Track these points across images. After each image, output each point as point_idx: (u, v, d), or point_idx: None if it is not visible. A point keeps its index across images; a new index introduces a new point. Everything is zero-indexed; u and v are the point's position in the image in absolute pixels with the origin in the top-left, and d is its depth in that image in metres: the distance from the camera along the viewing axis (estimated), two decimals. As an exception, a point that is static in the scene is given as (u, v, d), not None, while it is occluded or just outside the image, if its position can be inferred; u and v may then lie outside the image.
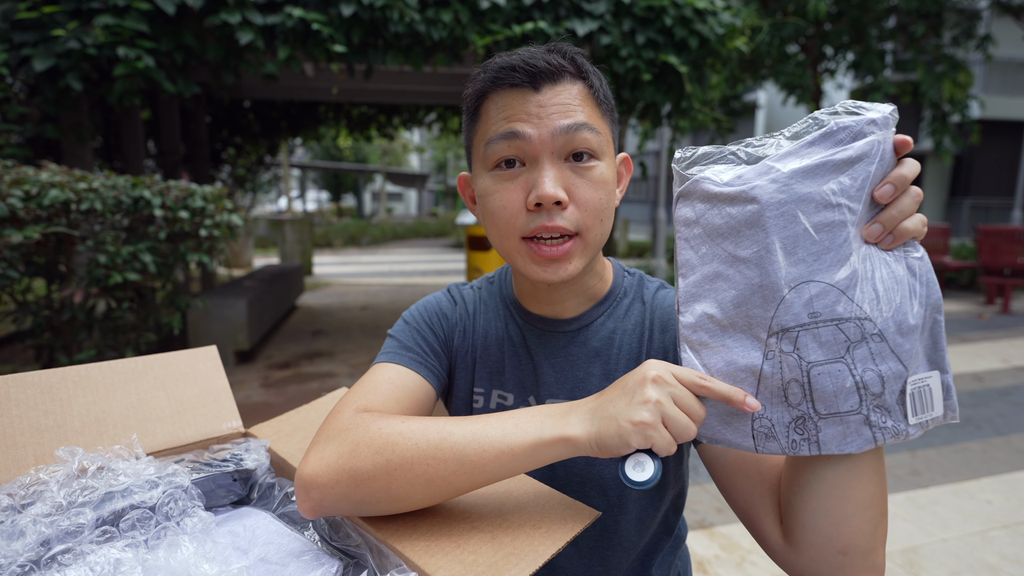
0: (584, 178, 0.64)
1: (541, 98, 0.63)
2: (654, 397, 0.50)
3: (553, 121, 0.63)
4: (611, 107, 0.70)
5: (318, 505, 0.57)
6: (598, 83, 0.67)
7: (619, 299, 0.76)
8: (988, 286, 7.62)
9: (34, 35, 3.04)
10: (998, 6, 9.54)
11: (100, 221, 2.76)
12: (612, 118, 0.70)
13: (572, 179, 0.64)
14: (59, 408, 0.72)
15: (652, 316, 0.74)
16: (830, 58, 9.66)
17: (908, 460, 3.04)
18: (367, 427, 0.59)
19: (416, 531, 0.57)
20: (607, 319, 0.75)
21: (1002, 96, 15.08)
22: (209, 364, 0.85)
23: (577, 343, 0.74)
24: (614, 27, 3.76)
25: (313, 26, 3.27)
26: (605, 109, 0.68)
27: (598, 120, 0.66)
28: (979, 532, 2.36)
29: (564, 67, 0.64)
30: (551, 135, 0.62)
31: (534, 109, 0.63)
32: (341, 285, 9.13)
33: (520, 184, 0.64)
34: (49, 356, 2.83)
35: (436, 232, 21.38)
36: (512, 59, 0.64)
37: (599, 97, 0.67)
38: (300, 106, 7.44)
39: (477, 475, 0.55)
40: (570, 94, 0.64)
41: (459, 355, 0.80)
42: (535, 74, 0.63)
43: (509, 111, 0.64)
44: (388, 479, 0.55)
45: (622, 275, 0.78)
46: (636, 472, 0.52)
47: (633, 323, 0.74)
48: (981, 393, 4.13)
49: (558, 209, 0.63)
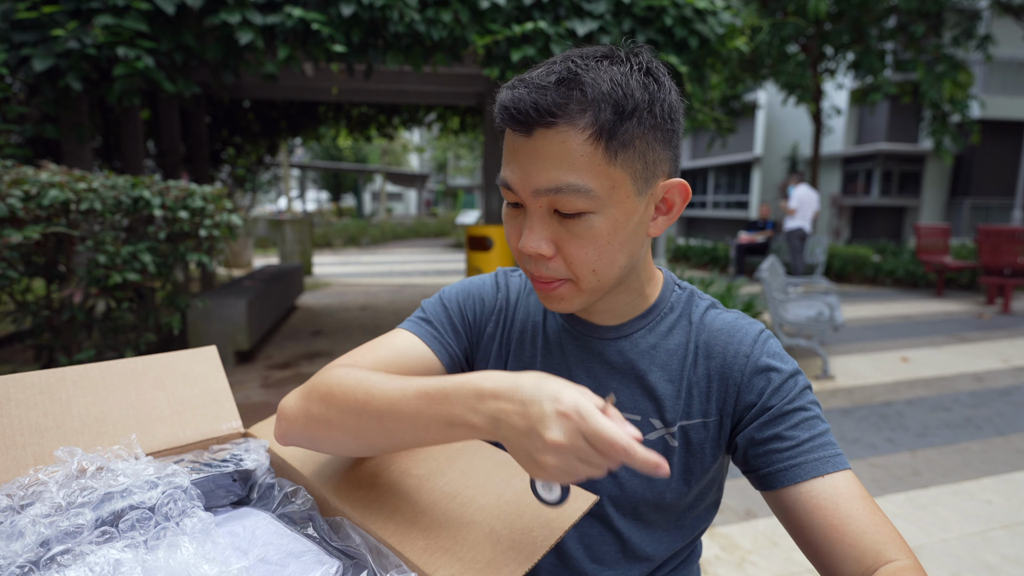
0: (571, 232, 0.59)
1: (531, 144, 0.57)
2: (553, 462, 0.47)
3: (534, 180, 0.57)
4: (630, 137, 0.57)
5: (284, 434, 0.66)
6: (611, 114, 0.56)
7: (664, 314, 0.72)
8: (988, 286, 7.62)
9: (34, 35, 3.04)
10: (998, 6, 9.54)
11: (100, 221, 2.76)
12: (633, 149, 0.58)
13: (560, 232, 0.60)
14: (59, 408, 0.71)
15: (698, 339, 0.70)
16: (830, 58, 9.66)
17: (908, 460, 3.04)
18: (328, 377, 0.64)
19: (415, 528, 0.57)
20: (648, 333, 0.71)
21: (1002, 96, 15.07)
22: (209, 364, 0.85)
23: (613, 352, 0.71)
24: (614, 27, 3.75)
25: (313, 26, 3.27)
26: (614, 147, 0.56)
27: (598, 169, 0.57)
28: (979, 532, 2.36)
29: (560, 107, 0.55)
30: (532, 194, 0.58)
31: (522, 159, 0.58)
32: (341, 285, 9.12)
33: (518, 225, 0.63)
34: (49, 356, 2.83)
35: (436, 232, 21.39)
36: (512, 93, 0.57)
37: (607, 134, 0.56)
38: (300, 106, 7.44)
39: (396, 442, 0.58)
40: (563, 142, 0.56)
41: (491, 342, 0.78)
42: (522, 119, 0.56)
43: (507, 153, 0.60)
44: (328, 427, 0.61)
45: (671, 289, 0.74)
46: (545, 491, 0.52)
47: (676, 342, 0.70)
48: (981, 393, 4.13)
49: (543, 260, 0.61)
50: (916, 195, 16.43)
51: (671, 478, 0.69)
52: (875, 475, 2.87)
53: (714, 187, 21.05)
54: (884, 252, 10.73)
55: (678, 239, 15.78)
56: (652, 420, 0.69)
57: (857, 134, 16.90)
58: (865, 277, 9.74)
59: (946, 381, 4.40)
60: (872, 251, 10.50)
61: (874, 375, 4.54)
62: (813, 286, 7.22)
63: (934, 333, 5.99)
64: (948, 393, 4.12)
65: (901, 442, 3.28)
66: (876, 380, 4.41)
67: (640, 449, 0.45)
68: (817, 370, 4.66)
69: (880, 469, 2.94)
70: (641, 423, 0.69)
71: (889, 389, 4.21)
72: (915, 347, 5.40)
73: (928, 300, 8.08)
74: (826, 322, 4.49)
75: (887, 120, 15.67)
